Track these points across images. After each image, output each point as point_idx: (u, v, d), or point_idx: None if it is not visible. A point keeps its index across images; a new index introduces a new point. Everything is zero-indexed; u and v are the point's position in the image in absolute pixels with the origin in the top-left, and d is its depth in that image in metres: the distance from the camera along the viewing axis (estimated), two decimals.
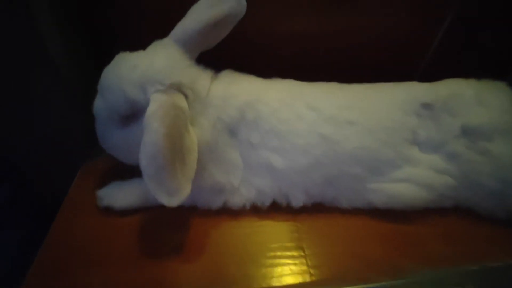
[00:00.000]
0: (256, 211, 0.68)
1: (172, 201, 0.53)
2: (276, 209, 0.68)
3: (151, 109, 0.56)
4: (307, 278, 0.59)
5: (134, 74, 0.58)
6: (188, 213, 0.68)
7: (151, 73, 0.58)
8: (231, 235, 0.65)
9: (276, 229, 0.66)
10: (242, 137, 0.64)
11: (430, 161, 0.64)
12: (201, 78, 0.63)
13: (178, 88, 0.59)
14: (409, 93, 0.68)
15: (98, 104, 0.62)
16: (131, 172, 0.67)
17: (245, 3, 0.62)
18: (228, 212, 0.68)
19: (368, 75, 0.72)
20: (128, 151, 0.65)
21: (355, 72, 0.72)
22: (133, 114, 0.61)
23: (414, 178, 0.64)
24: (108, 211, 0.68)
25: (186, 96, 0.60)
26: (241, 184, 0.66)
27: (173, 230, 0.66)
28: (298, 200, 0.67)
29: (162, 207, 0.53)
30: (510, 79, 0.71)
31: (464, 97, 0.65)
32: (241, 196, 0.67)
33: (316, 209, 0.68)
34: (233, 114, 0.63)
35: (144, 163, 0.54)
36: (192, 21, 0.61)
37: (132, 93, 0.58)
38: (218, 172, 0.64)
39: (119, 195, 0.68)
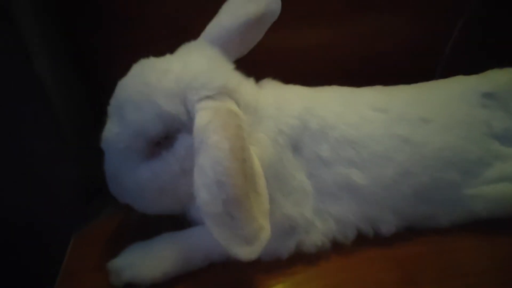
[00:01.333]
0: (337, 250, 0.51)
1: (252, 251, 0.38)
2: (362, 243, 0.52)
3: (202, 120, 0.40)
4: None
5: (168, 81, 0.43)
6: (245, 273, 0.48)
7: (191, 77, 0.43)
8: None
9: (369, 271, 0.49)
10: (308, 153, 0.50)
11: None
12: (247, 84, 0.50)
13: (228, 93, 0.44)
14: (465, 85, 0.60)
15: (112, 130, 0.45)
16: (144, 231, 0.48)
17: (280, 1, 0.53)
18: (301, 260, 0.50)
19: (385, 81, 0.65)
20: (158, 192, 0.46)
21: (371, 79, 0.65)
22: (165, 138, 0.44)
23: (510, 175, 0.53)
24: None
25: (237, 105, 0.45)
26: (315, 216, 0.50)
27: None
28: (388, 224, 0.52)
29: (208, 270, 0.45)
30: None
31: None
32: (318, 232, 0.50)
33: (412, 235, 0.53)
34: (294, 123, 0.49)
35: (205, 198, 0.37)
36: (229, 17, 0.50)
37: (168, 106, 0.42)
38: (287, 203, 0.47)
39: (147, 261, 0.46)
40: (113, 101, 0.46)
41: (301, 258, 0.49)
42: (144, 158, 0.45)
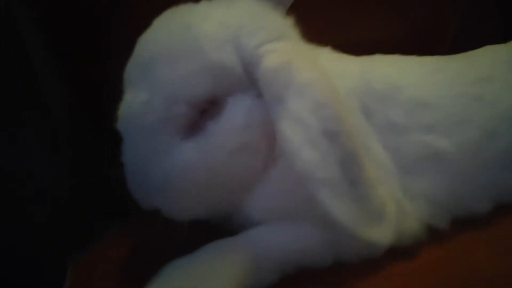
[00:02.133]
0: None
1: (385, 232, 0.28)
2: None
3: (275, 60, 0.30)
4: None
5: (212, 25, 0.32)
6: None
7: (240, 20, 0.33)
8: None
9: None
10: (379, 119, 0.40)
11: None
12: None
13: (291, 37, 0.34)
14: (499, 53, 0.56)
15: (137, 100, 0.32)
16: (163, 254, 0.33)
17: None
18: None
19: None
20: (207, 181, 0.33)
21: None
22: (212, 103, 0.32)
23: None
24: None
25: None
26: (404, 197, 0.39)
27: None
28: (481, 201, 0.42)
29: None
30: None
31: None
32: (411, 218, 0.39)
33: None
34: (359, 83, 0.40)
35: (312, 159, 0.26)
36: None
37: (217, 55, 0.31)
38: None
39: (201, 283, 0.31)
40: (135, 62, 0.34)
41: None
42: (184, 133, 0.32)
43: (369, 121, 0.40)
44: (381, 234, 0.26)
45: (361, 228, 0.26)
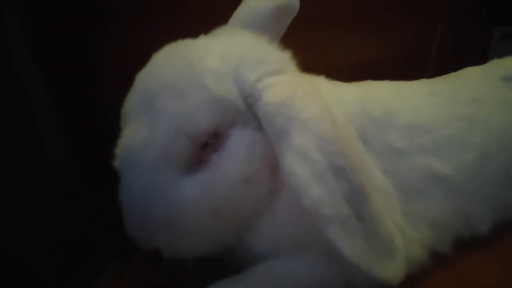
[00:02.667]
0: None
1: (397, 268, 0.27)
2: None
3: (277, 95, 0.30)
4: None
5: (213, 60, 0.32)
6: None
7: (241, 53, 0.33)
8: None
9: None
10: (378, 145, 0.40)
11: None
12: None
13: (291, 69, 0.35)
14: (482, 73, 0.59)
15: (138, 135, 0.31)
16: None
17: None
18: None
19: None
20: (212, 216, 0.31)
21: None
22: (215, 136, 0.32)
23: None
24: None
25: None
26: (406, 222, 0.39)
27: None
28: (483, 220, 0.43)
29: None
30: None
31: None
32: (414, 243, 0.38)
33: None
34: (356, 110, 0.41)
35: (319, 195, 0.26)
36: (259, 2, 0.42)
37: (219, 88, 0.31)
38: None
39: None
40: (134, 98, 0.33)
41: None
42: (186, 168, 0.31)
43: (368, 147, 0.40)
44: (392, 271, 0.26)
45: (372, 264, 0.25)
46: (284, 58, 0.35)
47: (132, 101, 0.33)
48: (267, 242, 0.35)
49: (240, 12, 0.42)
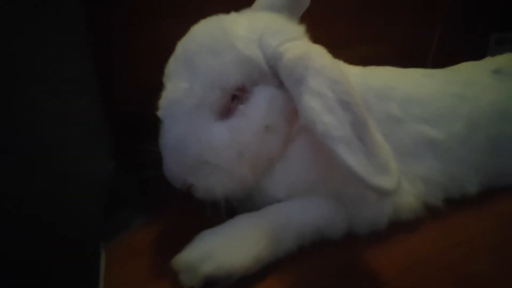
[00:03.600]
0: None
1: (391, 180, 0.32)
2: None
3: (295, 52, 0.36)
4: None
5: (241, 29, 0.39)
6: (347, 251, 0.40)
7: (264, 25, 0.40)
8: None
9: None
10: (378, 112, 0.46)
11: None
12: None
13: (305, 39, 0.42)
14: (476, 66, 0.65)
15: (179, 88, 0.38)
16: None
17: None
18: (399, 229, 0.43)
19: None
20: (237, 157, 0.38)
21: None
22: (242, 90, 0.38)
23: None
24: None
25: None
26: (403, 178, 0.44)
27: None
28: (472, 182, 0.48)
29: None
30: None
31: None
32: (409, 195, 0.44)
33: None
34: (358, 81, 0.46)
35: (330, 121, 0.32)
36: None
37: (247, 50, 0.37)
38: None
39: (232, 246, 0.35)
40: (177, 58, 0.40)
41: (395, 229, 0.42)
42: (218, 116, 0.38)
43: (369, 114, 0.46)
44: (387, 183, 0.31)
45: (371, 176, 0.31)
46: (299, 30, 0.42)
47: (174, 61, 0.40)
48: (282, 186, 0.41)
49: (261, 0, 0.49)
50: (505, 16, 1.09)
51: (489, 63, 0.64)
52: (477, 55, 0.81)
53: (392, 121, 0.47)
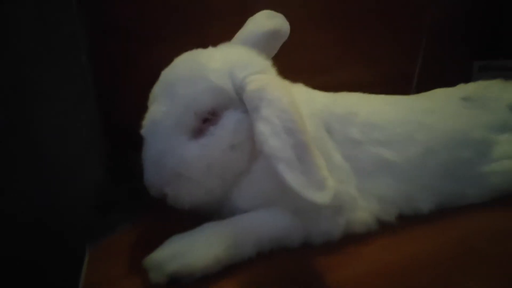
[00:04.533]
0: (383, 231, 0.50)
1: (325, 196, 0.36)
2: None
3: (256, 84, 0.42)
4: None
5: (215, 62, 0.46)
6: (298, 261, 0.45)
7: (235, 59, 0.47)
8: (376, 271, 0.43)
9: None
10: (339, 136, 0.52)
11: (507, 139, 0.62)
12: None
13: (271, 72, 0.48)
14: (446, 93, 0.70)
15: (159, 110, 0.44)
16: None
17: (288, 24, 0.61)
18: (353, 240, 0.47)
19: None
20: (206, 171, 0.44)
21: None
22: (213, 114, 0.44)
23: (509, 154, 0.60)
24: None
25: None
26: (359, 195, 0.50)
27: None
28: (425, 201, 0.53)
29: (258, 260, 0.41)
30: None
31: (493, 87, 0.71)
32: (364, 211, 0.49)
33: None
34: (322, 108, 0.53)
35: (275, 144, 0.37)
36: (255, 26, 0.56)
37: (218, 81, 0.44)
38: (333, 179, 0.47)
39: (195, 248, 0.41)
40: (160, 85, 0.46)
41: (350, 240, 0.47)
42: (191, 135, 0.44)
43: (331, 136, 0.52)
44: (321, 197, 0.36)
45: (306, 191, 0.36)
46: (265, 64, 0.48)
47: (157, 87, 0.46)
48: (247, 198, 0.46)
49: (240, 33, 0.56)
50: (488, 44, 1.15)
51: (460, 90, 0.70)
52: (462, 81, 0.87)
53: (353, 144, 0.52)
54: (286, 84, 0.47)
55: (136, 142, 0.47)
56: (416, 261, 0.45)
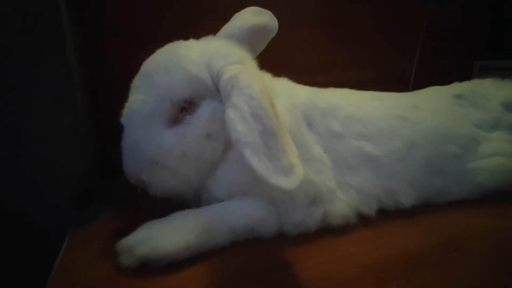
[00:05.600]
0: (365, 224, 0.49)
1: (290, 182, 0.35)
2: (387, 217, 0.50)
3: (230, 73, 0.43)
4: None
5: (194, 53, 0.46)
6: (273, 249, 0.44)
7: (214, 50, 0.47)
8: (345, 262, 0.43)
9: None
10: (321, 129, 0.52)
11: (498, 137, 0.61)
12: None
13: (249, 62, 0.48)
14: (439, 90, 0.69)
15: (138, 99, 0.45)
16: None
17: (276, 21, 0.62)
18: (330, 232, 0.47)
19: None
20: (182, 158, 0.44)
21: None
22: (190, 103, 0.45)
23: (498, 151, 0.59)
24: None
25: None
26: (337, 187, 0.49)
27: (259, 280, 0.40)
28: (407, 196, 0.52)
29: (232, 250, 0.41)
30: None
31: (487, 85, 0.69)
32: (342, 203, 0.48)
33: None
34: (304, 101, 0.53)
35: (242, 130, 0.37)
36: (241, 21, 0.57)
37: (195, 70, 0.44)
38: (309, 169, 0.47)
39: (167, 233, 0.41)
40: (139, 75, 0.47)
41: (327, 232, 0.47)
42: (168, 124, 0.44)
43: (311, 129, 0.52)
44: (287, 183, 0.35)
45: (270, 176, 0.35)
46: (244, 55, 0.48)
47: (138, 77, 0.47)
48: (223, 186, 0.46)
49: (225, 28, 0.56)
50: (489, 44, 1.13)
51: (454, 88, 0.69)
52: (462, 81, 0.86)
53: (333, 136, 0.52)
54: (263, 75, 0.47)
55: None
56: (393, 258, 0.44)
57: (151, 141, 0.44)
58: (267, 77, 0.53)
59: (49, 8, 0.48)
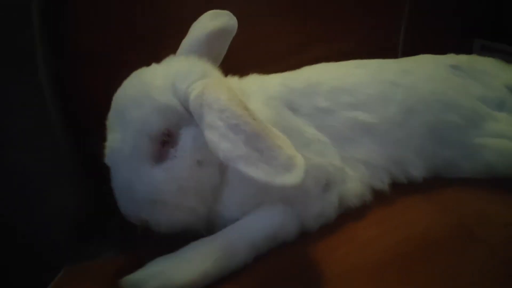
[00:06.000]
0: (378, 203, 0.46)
1: (295, 176, 0.33)
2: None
3: (196, 92, 0.40)
4: None
5: (158, 79, 0.43)
6: (292, 253, 0.42)
7: (174, 71, 0.44)
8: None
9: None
10: (306, 109, 0.49)
11: (505, 118, 0.56)
12: (227, 77, 0.51)
13: (212, 75, 0.45)
14: (434, 58, 0.63)
15: (116, 138, 0.42)
16: None
17: (235, 19, 0.58)
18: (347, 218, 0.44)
19: None
20: (180, 192, 0.41)
21: None
22: (169, 135, 0.42)
23: (507, 134, 0.54)
24: None
25: None
26: (344, 164, 0.47)
27: None
28: (416, 166, 0.50)
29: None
30: None
31: (489, 63, 0.64)
32: (353, 180, 0.46)
33: None
34: (279, 88, 0.50)
35: (226, 147, 0.35)
36: (197, 31, 0.52)
37: (163, 98, 0.41)
38: (311, 154, 0.44)
39: (180, 265, 0.39)
40: (112, 111, 0.44)
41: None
42: (153, 161, 0.41)
43: (297, 113, 0.49)
44: (291, 178, 0.33)
45: (273, 178, 0.33)
46: (205, 68, 0.45)
47: (111, 113, 0.44)
48: (234, 207, 0.44)
49: (184, 42, 0.53)
50: (490, 23, 1.03)
51: (450, 59, 0.64)
52: None
53: (322, 113, 0.49)
54: (228, 81, 0.45)
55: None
56: (412, 240, 0.42)
57: (142, 181, 0.41)
58: (233, 81, 0.51)
59: (23, 33, 0.46)
